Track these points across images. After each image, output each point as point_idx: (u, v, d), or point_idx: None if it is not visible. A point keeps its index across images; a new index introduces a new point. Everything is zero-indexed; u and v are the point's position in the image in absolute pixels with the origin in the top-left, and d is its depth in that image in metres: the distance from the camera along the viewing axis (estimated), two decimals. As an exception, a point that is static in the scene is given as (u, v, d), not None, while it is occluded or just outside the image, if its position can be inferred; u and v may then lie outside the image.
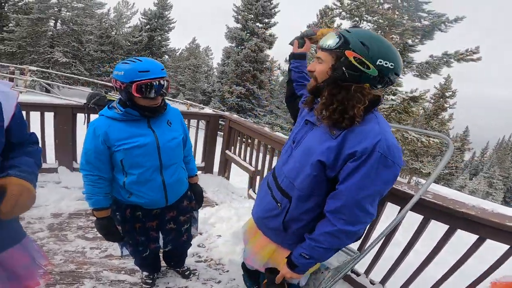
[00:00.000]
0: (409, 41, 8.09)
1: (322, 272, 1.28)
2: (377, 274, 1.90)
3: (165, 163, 1.48)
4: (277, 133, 3.18)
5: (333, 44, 1.00)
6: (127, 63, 1.34)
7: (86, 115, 3.19)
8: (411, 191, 1.57)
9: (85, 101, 3.18)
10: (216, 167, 4.08)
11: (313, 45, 1.49)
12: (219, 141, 3.99)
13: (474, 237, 1.43)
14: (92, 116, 3.18)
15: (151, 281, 1.86)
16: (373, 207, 1.02)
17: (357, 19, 8.61)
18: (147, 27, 23.31)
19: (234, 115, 4.10)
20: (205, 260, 2.24)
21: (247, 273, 1.75)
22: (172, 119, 1.55)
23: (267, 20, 17.50)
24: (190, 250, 2.01)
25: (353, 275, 1.97)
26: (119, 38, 22.12)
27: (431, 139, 9.53)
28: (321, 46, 1.04)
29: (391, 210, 1.78)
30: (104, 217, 1.45)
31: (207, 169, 3.96)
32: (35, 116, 2.96)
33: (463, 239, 1.56)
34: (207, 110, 4.45)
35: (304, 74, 1.44)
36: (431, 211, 1.52)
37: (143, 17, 23.63)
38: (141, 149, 1.40)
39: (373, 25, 8.73)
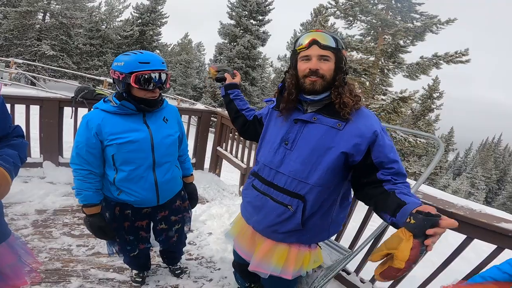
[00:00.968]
0: (401, 42, 8.21)
1: (315, 270, 1.28)
2: (368, 272, 1.93)
3: (158, 160, 1.44)
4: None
5: (333, 44, 1.09)
6: (128, 54, 1.31)
7: (73, 108, 3.11)
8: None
9: (72, 95, 3.10)
10: (207, 163, 4.05)
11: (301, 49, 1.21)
12: (211, 137, 3.96)
13: (456, 236, 1.45)
14: (80, 110, 3.09)
15: (141, 279, 1.83)
16: None
17: (351, 18, 8.68)
18: (138, 22, 22.83)
19: (226, 112, 4.06)
20: (196, 258, 2.22)
21: (239, 271, 1.75)
22: (168, 116, 1.51)
23: (261, 17, 17.45)
24: (183, 248, 1.97)
25: (344, 274, 1.99)
26: (109, 32, 21.70)
27: (418, 139, 9.74)
28: (325, 45, 1.09)
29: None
30: (94, 214, 1.40)
31: (198, 165, 3.93)
32: (20, 109, 2.86)
33: (447, 239, 1.60)
34: (199, 106, 4.40)
35: (243, 99, 1.54)
36: (421, 210, 1.54)
37: (135, 11, 23.09)
38: (134, 144, 1.35)
39: (366, 25, 8.81)
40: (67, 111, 3.11)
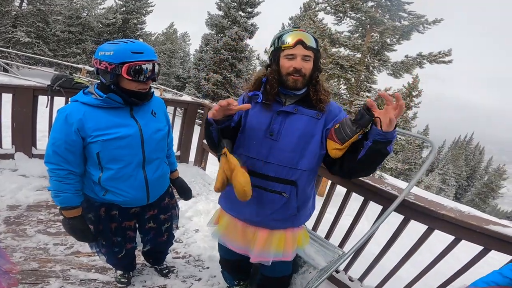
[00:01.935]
0: (388, 40, 8.34)
1: (310, 272, 1.27)
2: (356, 271, 1.95)
3: (148, 157, 1.34)
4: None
5: (314, 44, 1.20)
6: (116, 43, 1.19)
7: (49, 97, 2.89)
8: (394, 192, 1.60)
9: (48, 83, 2.88)
10: (192, 156, 3.95)
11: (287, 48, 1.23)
12: (197, 129, 3.85)
13: (441, 237, 1.49)
14: (56, 99, 2.89)
15: (126, 280, 1.74)
16: None
17: (341, 15, 8.69)
18: (122, 10, 21.84)
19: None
20: (183, 256, 2.15)
21: (228, 268, 1.72)
22: (156, 109, 1.41)
23: (250, 9, 17.17)
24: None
25: (333, 272, 2.00)
26: (90, 19, 20.83)
27: (398, 136, 10.05)
28: (309, 46, 1.18)
29: (372, 207, 1.82)
30: (74, 217, 1.29)
31: (183, 158, 3.82)
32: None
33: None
34: (186, 97, 4.24)
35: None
36: (412, 211, 1.56)
37: (120, -1, 22.07)
38: (123, 141, 1.25)
39: (355, 22, 8.86)
40: (42, 99, 2.89)
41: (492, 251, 1.35)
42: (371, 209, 1.86)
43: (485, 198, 36.13)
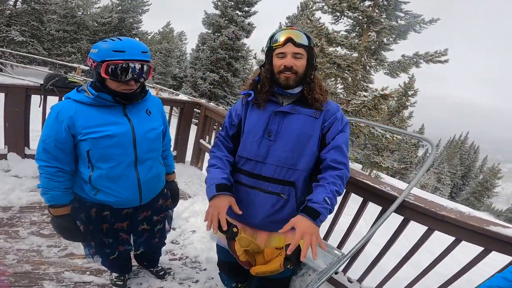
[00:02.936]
0: (385, 40, 8.37)
1: (309, 274, 1.25)
2: (355, 272, 1.94)
3: (141, 157, 1.31)
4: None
5: (306, 42, 1.19)
6: (106, 41, 1.16)
7: (42, 97, 2.84)
8: (394, 192, 1.58)
9: (41, 82, 2.83)
10: (188, 156, 3.91)
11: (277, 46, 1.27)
12: (193, 129, 3.81)
13: (440, 237, 1.48)
14: (50, 98, 2.84)
15: (122, 283, 1.71)
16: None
17: (338, 14, 8.70)
18: (118, 8, 21.68)
19: (210, 104, 3.93)
20: (180, 258, 2.12)
21: (226, 271, 1.69)
22: (152, 109, 1.37)
23: (247, 8, 17.15)
24: (163, 247, 1.87)
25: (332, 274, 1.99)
26: (85, 18, 20.74)
27: (395, 136, 10.10)
28: (299, 44, 1.18)
29: (369, 208, 1.81)
30: (62, 215, 1.26)
31: (179, 158, 3.78)
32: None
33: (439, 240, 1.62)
34: (182, 96, 4.20)
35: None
36: (412, 212, 1.55)
37: (116, -2, 21.92)
38: (113, 139, 1.21)
39: (352, 21, 8.88)
40: (35, 98, 2.84)
41: (492, 252, 1.34)
42: (368, 209, 1.84)
43: (480, 197, 36.51)
